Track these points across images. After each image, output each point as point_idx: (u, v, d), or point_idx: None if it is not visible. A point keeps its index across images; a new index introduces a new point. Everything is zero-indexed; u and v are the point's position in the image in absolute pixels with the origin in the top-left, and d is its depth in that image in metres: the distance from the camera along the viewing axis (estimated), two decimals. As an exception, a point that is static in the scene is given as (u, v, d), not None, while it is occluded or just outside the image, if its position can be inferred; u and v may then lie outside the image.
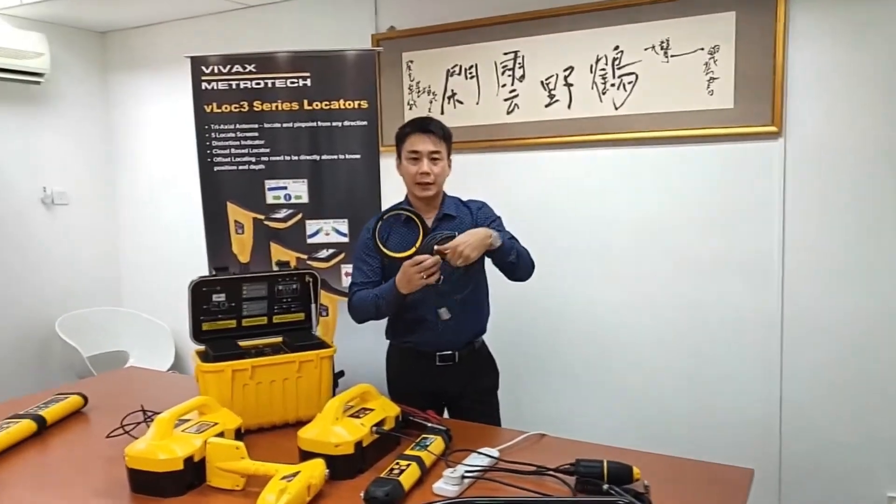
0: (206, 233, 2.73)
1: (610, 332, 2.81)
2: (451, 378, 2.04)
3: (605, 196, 2.75)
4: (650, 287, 2.71)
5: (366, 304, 1.98)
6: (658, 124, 2.61)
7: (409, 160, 1.99)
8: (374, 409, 1.64)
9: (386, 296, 1.93)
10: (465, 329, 2.04)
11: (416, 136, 1.99)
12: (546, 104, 2.80)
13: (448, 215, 2.05)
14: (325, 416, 1.54)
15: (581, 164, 2.79)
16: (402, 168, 2.03)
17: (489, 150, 2.94)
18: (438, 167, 1.99)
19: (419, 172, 1.97)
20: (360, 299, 2.00)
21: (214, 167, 2.69)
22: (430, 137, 1.98)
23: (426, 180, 1.97)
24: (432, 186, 1.99)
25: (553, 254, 2.84)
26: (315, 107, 2.66)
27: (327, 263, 2.71)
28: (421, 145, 1.97)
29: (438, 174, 1.99)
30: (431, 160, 1.98)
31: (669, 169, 2.63)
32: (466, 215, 2.08)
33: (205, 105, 2.67)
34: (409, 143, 1.99)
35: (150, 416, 1.80)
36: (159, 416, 1.51)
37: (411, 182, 2.01)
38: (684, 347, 2.68)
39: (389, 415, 1.64)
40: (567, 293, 2.87)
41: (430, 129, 1.98)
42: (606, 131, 2.70)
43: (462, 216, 2.07)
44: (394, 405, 1.70)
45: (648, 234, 2.68)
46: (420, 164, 1.97)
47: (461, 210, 2.09)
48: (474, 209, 2.09)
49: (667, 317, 2.69)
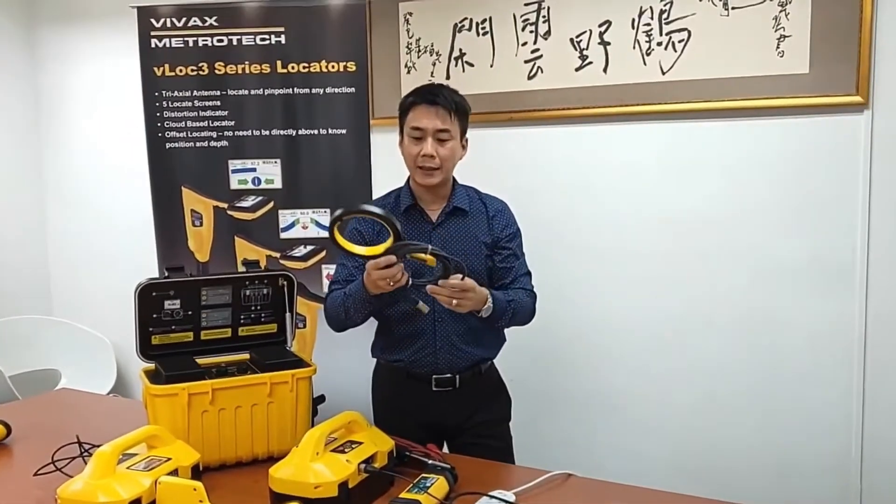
0: (157, 225, 2.73)
1: (649, 351, 2.81)
2: (449, 407, 2.04)
3: (648, 184, 2.75)
4: (700, 297, 2.70)
5: (335, 305, 1.99)
6: (714, 93, 2.60)
7: (411, 138, 1.99)
8: (363, 443, 1.64)
9: (354, 295, 1.92)
10: (468, 350, 2.04)
11: (420, 108, 1.97)
12: (576, 67, 2.79)
13: (459, 209, 2.04)
14: (303, 450, 1.53)
15: (618, 142, 2.78)
16: (404, 147, 2.03)
17: (504, 125, 2.93)
18: (446, 149, 1.97)
19: (421, 154, 1.96)
20: (333, 300, 2.01)
21: (166, 144, 2.69)
22: (437, 111, 1.96)
23: (429, 164, 1.96)
24: (437, 173, 1.98)
25: (580, 256, 2.84)
26: (291, 69, 2.65)
27: (305, 263, 2.70)
28: (426, 120, 1.96)
29: (446, 158, 1.97)
30: (438, 140, 1.96)
31: (727, 150, 2.62)
32: (480, 214, 2.07)
33: (154, 67, 2.66)
34: (413, 117, 1.98)
35: (88, 449, 1.79)
36: (99, 450, 1.50)
37: (412, 164, 2.00)
38: (741, 370, 2.67)
39: (381, 449, 1.64)
40: (597, 304, 2.87)
41: (437, 102, 1.96)
42: (650, 102, 2.69)
43: (475, 214, 2.06)
44: (386, 438, 1.70)
45: (699, 233, 2.68)
46: (423, 145, 1.96)
47: (476, 205, 2.08)
48: (491, 210, 2.08)
49: (720, 333, 2.69)
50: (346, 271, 2.04)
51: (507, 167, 2.91)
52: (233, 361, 1.96)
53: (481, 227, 2.05)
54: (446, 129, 1.96)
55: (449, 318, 1.99)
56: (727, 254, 2.66)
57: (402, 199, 2.06)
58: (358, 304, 1.92)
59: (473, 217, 2.05)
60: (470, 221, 2.04)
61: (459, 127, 2.00)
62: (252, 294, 2.00)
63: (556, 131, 2.88)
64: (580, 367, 2.92)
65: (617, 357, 2.87)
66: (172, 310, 1.92)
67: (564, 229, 2.86)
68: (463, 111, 2.01)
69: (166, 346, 1.92)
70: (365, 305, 1.92)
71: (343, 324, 2.01)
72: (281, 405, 1.85)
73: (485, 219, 2.06)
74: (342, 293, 1.97)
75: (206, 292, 1.95)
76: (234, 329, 2.00)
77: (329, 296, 2.04)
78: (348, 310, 1.95)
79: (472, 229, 2.04)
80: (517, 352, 2.25)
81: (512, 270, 2.05)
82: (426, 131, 1.95)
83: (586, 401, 2.93)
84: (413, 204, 2.04)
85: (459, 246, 2.00)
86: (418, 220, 2.03)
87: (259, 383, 1.83)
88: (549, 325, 2.85)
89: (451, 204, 2.04)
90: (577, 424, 2.95)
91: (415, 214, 2.04)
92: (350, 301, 1.94)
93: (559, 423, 2.97)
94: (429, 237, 2.01)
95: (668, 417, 2.80)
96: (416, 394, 2.05)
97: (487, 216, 2.06)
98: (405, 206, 2.04)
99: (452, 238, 2.02)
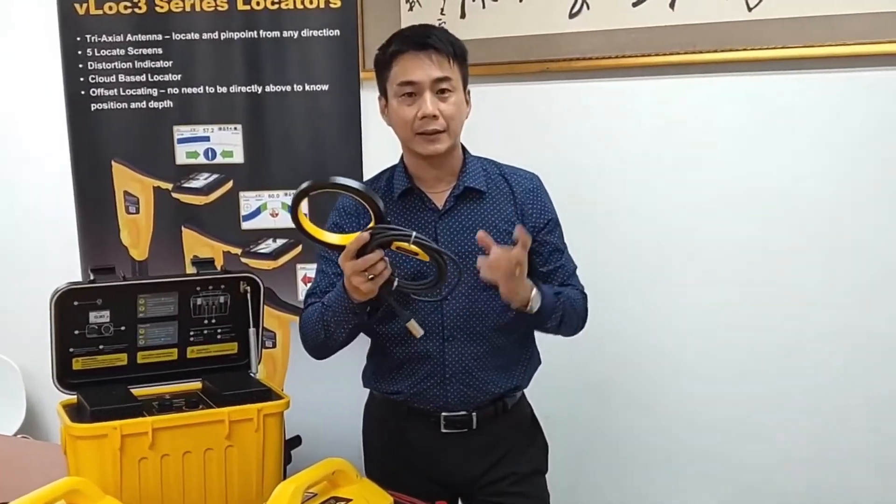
0: (79, 213, 2.75)
1: (725, 379, 2.80)
2: (464, 455, 2.06)
3: (729, 157, 2.73)
4: (796, 306, 2.68)
5: (312, 322, 2.01)
6: (817, 36, 2.56)
7: (400, 98, 1.99)
8: (352, 501, 1.65)
9: (334, 305, 1.94)
10: (489, 379, 2.06)
11: (407, 57, 1.98)
12: (634, 2, 2.77)
13: (473, 190, 2.05)
14: (273, 510, 1.55)
15: (688, 101, 2.77)
16: (391, 112, 2.03)
17: (538, 78, 2.93)
18: (450, 104, 1.98)
19: (420, 116, 1.97)
20: (309, 316, 2.03)
21: (91, 105, 2.71)
22: (431, 56, 1.97)
23: (432, 126, 1.97)
24: (443, 136, 1.99)
25: (636, 252, 2.84)
26: (255, 5, 2.67)
27: (274, 262, 2.73)
28: (419, 72, 1.97)
29: (451, 115, 1.98)
30: (438, 94, 1.98)
31: (837, 111, 2.60)
32: (503, 194, 2.08)
33: (75, 3, 2.67)
34: (399, 72, 1.99)
35: (-10, 508, 1.80)
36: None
37: (408, 133, 2.00)
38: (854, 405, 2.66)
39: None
40: (660, 314, 2.87)
41: (430, 44, 1.97)
42: (732, 46, 2.66)
43: (496, 194, 2.07)
44: (383, 494, 1.72)
45: (799, 222, 2.64)
46: (420, 103, 1.97)
47: (496, 183, 2.09)
48: (518, 188, 2.09)
49: (821, 353, 2.66)
50: (326, 280, 2.06)
51: (539, 133, 2.91)
52: (180, 392, 1.96)
53: (504, 211, 2.06)
54: (446, 77, 1.97)
55: (462, 334, 2.01)
56: (832, 250, 2.62)
57: (396, 182, 2.06)
58: (339, 317, 1.93)
59: (493, 199, 2.06)
60: (488, 205, 2.05)
61: (461, 75, 2.02)
62: (205, 303, 2.01)
63: (605, 87, 2.86)
64: (639, 399, 2.92)
65: (679, 388, 2.85)
66: (100, 324, 1.92)
67: (616, 217, 2.85)
68: (462, 55, 2.03)
69: (92, 371, 1.93)
70: (348, 317, 1.93)
71: (324, 346, 2.02)
72: (243, 450, 1.85)
73: (509, 200, 2.07)
74: (319, 305, 1.99)
75: (145, 301, 1.96)
76: (181, 349, 2.01)
77: (305, 311, 2.06)
78: (328, 325, 1.96)
79: (491, 216, 2.04)
80: (555, 378, 2.26)
81: (560, 271, 2.08)
82: (421, 85, 1.96)
83: (648, 445, 2.92)
84: (410, 187, 2.06)
85: (474, 240, 1.98)
86: (419, 207, 2.05)
87: (214, 421, 1.83)
88: (600, 342, 2.84)
89: (461, 183, 2.05)
90: (633, 476, 2.95)
91: (413, 201, 2.05)
92: (329, 314, 1.95)
93: (611, 475, 2.98)
94: (433, 229, 2.02)
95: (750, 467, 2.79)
96: (420, 436, 2.06)
97: (513, 197, 2.08)
98: (401, 191, 2.05)
99: (465, 229, 2.03)
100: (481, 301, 2.01)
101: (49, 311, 1.88)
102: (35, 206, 3.81)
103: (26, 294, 3.62)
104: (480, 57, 2.85)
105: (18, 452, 2.47)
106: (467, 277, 1.95)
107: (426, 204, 2.05)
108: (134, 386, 1.94)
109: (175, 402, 1.91)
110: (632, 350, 2.92)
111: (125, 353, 1.96)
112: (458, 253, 1.98)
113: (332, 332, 1.97)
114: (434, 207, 2.05)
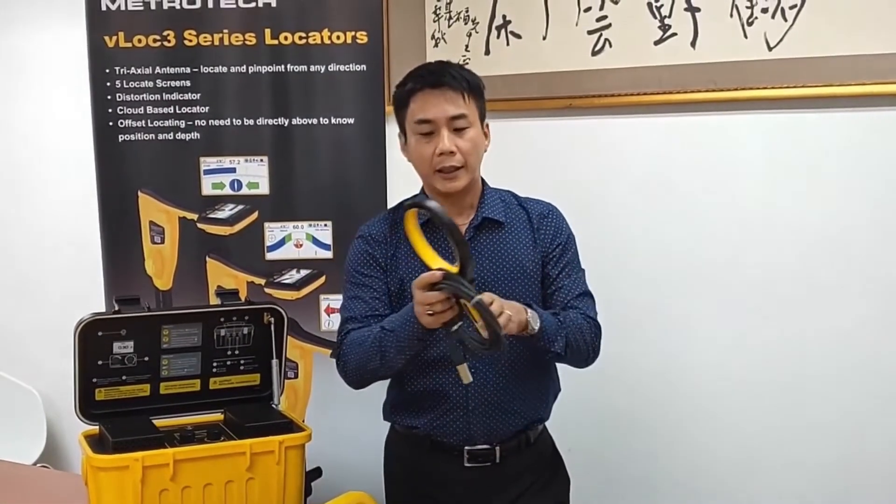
0: (104, 242, 2.75)
1: (750, 416, 2.76)
2: (488, 488, 2.04)
3: (750, 193, 2.72)
4: (824, 342, 2.65)
5: (364, 348, 1.95)
6: (837, 75, 2.56)
7: (418, 136, 2.00)
8: (375, 534, 1.63)
9: (398, 329, 1.89)
10: (513, 410, 2.04)
11: (423, 95, 1.99)
12: (655, 40, 2.77)
13: (491, 220, 2.05)
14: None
15: (711, 138, 2.77)
16: (411, 150, 2.04)
17: (560, 114, 2.93)
18: (466, 140, 1.98)
19: (438, 153, 1.97)
20: (358, 341, 1.98)
21: (119, 136, 2.71)
22: (446, 94, 1.97)
23: (450, 163, 1.98)
24: (461, 173, 1.99)
25: (656, 290, 2.82)
26: (283, 40, 2.68)
27: (297, 293, 2.72)
28: (434, 109, 1.97)
29: (468, 151, 1.99)
30: (455, 131, 1.98)
31: (857, 149, 2.59)
32: (521, 223, 2.08)
33: (105, 36, 2.68)
34: (416, 109, 2.00)
35: (12, 537, 1.79)
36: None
37: (427, 170, 2.01)
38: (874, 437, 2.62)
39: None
40: (681, 354, 2.84)
41: (444, 83, 1.98)
42: (753, 85, 2.66)
43: (514, 224, 2.07)
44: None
45: (821, 260, 2.63)
46: (438, 140, 1.97)
47: (513, 213, 2.09)
48: (535, 215, 2.09)
49: (852, 385, 2.63)
50: (364, 307, 2.03)
51: (561, 169, 2.90)
52: (202, 423, 1.97)
53: (523, 240, 2.05)
54: (462, 115, 1.98)
55: (486, 367, 1.98)
56: (855, 286, 2.61)
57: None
58: (403, 342, 1.88)
59: (512, 229, 2.06)
60: (506, 235, 2.04)
61: (477, 109, 2.02)
62: (228, 334, 2.02)
63: (627, 123, 2.86)
64: (663, 433, 2.89)
65: (713, 420, 2.82)
66: (123, 355, 1.93)
67: (640, 249, 2.84)
68: (478, 89, 2.03)
69: (115, 402, 1.94)
70: (413, 343, 1.88)
71: (373, 373, 1.99)
72: (264, 482, 1.85)
73: (527, 228, 2.07)
74: (378, 329, 1.94)
75: (169, 331, 1.97)
76: (203, 380, 2.01)
77: (348, 335, 2.01)
78: (386, 350, 1.91)
79: (510, 245, 2.04)
80: (577, 412, 2.23)
81: (564, 290, 2.05)
82: (437, 122, 1.97)
83: (671, 480, 2.89)
84: (430, 219, 2.03)
85: (495, 269, 2.01)
86: (439, 238, 2.02)
87: (236, 453, 1.83)
88: (623, 376, 2.86)
89: (480, 214, 2.05)
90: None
91: (432, 233, 2.03)
92: (391, 338, 1.89)
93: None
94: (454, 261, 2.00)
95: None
96: (442, 470, 2.04)
97: (530, 223, 2.07)
98: (421, 223, 2.03)
99: (486, 259, 2.02)
100: None
101: (73, 341, 1.89)
102: (59, 235, 3.80)
103: (48, 322, 3.65)
104: (504, 93, 2.88)
105: (38, 482, 2.45)
106: None
107: (453, 234, 2.02)
108: (156, 417, 1.93)
109: (197, 433, 1.93)
110: (655, 384, 2.90)
111: (148, 383, 1.97)
112: (477, 282, 1.93)
113: (391, 358, 1.92)
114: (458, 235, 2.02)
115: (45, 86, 3.83)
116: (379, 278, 2.03)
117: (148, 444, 1.79)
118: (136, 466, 1.75)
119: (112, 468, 1.75)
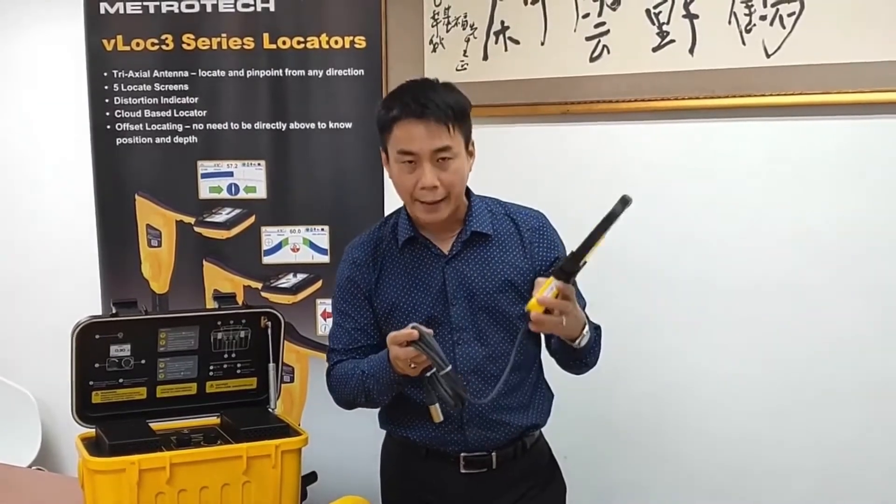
0: (101, 245, 2.75)
1: (751, 421, 2.76)
2: (484, 494, 2.03)
3: (748, 200, 2.72)
4: (825, 349, 2.64)
5: (350, 387, 1.99)
6: (835, 82, 2.56)
7: (400, 165, 1.94)
8: (371, 540, 1.62)
9: (376, 375, 1.92)
10: (507, 422, 2.03)
11: (406, 125, 1.90)
12: (654, 47, 2.77)
13: (479, 234, 2.01)
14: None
15: (708, 144, 2.76)
16: (392, 174, 1.98)
17: (557, 120, 2.92)
18: (451, 172, 1.92)
19: (420, 187, 1.91)
20: (343, 378, 2.01)
21: (117, 139, 2.71)
22: (429, 127, 1.88)
23: (432, 198, 1.92)
24: (443, 205, 1.93)
25: (655, 297, 2.82)
26: (281, 45, 2.68)
27: (294, 297, 2.72)
28: (416, 142, 1.89)
29: (452, 183, 1.92)
30: (438, 163, 1.91)
31: (855, 156, 2.59)
32: (509, 236, 2.04)
33: (104, 39, 2.69)
34: (398, 137, 1.91)
35: (6, 541, 1.78)
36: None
37: (408, 198, 1.96)
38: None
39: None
40: (677, 359, 2.83)
41: (427, 114, 1.88)
42: (751, 92, 2.66)
43: (502, 237, 2.03)
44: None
45: (820, 266, 2.63)
46: (419, 172, 1.91)
47: (501, 224, 2.05)
48: (524, 227, 2.05)
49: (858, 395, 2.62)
50: (347, 337, 2.04)
51: (559, 175, 2.89)
52: (198, 427, 1.97)
53: (512, 252, 2.02)
54: (447, 147, 1.90)
55: (477, 378, 1.97)
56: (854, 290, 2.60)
57: (401, 230, 2.02)
58: (382, 387, 1.93)
59: (499, 241, 2.02)
60: (494, 247, 2.01)
61: (462, 135, 1.95)
62: (225, 338, 2.01)
63: (625, 129, 2.85)
64: (660, 440, 2.88)
65: (710, 427, 2.81)
66: (120, 358, 1.93)
67: (638, 258, 2.83)
68: (463, 114, 1.95)
69: (111, 405, 1.94)
70: (392, 387, 1.93)
71: (363, 405, 2.02)
72: (260, 486, 1.85)
73: (516, 241, 2.03)
74: (358, 371, 1.97)
75: (166, 335, 1.97)
76: (200, 384, 2.01)
77: (334, 368, 2.04)
78: (369, 392, 1.96)
79: (498, 258, 2.00)
80: (572, 419, 2.22)
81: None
82: (420, 155, 1.90)
83: (669, 487, 2.88)
84: (415, 235, 2.01)
85: (483, 282, 1.98)
86: (425, 255, 2.01)
87: (232, 457, 1.83)
88: (621, 382, 2.85)
89: (468, 228, 2.00)
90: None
91: (419, 249, 2.02)
92: (372, 382, 1.94)
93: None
94: (441, 274, 1.99)
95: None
96: (438, 476, 2.03)
97: (520, 237, 2.04)
98: (404, 239, 2.01)
99: (474, 273, 1.99)
100: (493, 344, 1.99)
101: (70, 344, 1.88)
102: (56, 238, 3.80)
103: (44, 325, 3.63)
104: (502, 98, 2.88)
105: (33, 484, 2.45)
106: (478, 321, 1.96)
107: (432, 250, 2.01)
108: (152, 420, 1.93)
109: (193, 436, 1.93)
110: (651, 391, 2.89)
111: (144, 386, 1.97)
112: (466, 296, 1.97)
113: (375, 397, 1.98)
114: (440, 253, 2.01)
115: (43, 89, 3.84)
116: (361, 308, 2.02)
117: (144, 447, 1.79)
118: (132, 469, 1.75)
119: (108, 471, 1.75)
